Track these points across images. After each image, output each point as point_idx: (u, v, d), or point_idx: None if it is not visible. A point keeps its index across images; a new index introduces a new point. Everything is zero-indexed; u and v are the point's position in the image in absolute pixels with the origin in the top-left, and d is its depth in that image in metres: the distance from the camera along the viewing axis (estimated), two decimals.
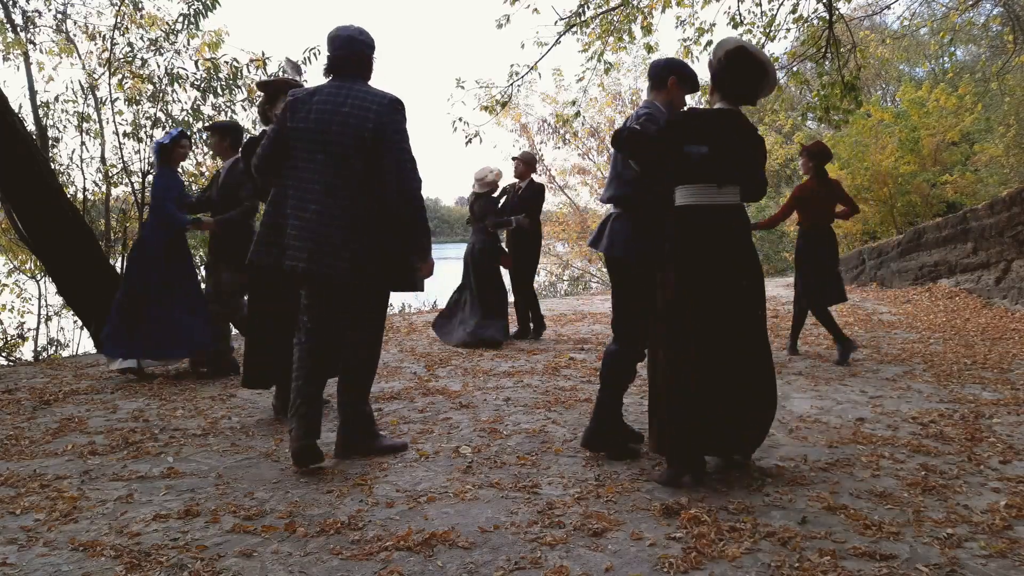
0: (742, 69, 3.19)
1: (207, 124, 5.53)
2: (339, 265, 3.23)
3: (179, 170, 5.56)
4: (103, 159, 9.54)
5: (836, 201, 6.04)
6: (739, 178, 3.17)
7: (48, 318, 10.65)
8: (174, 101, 9.47)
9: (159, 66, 9.32)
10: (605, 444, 3.42)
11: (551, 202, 19.85)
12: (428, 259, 3.39)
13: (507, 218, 6.98)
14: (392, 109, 3.23)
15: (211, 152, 5.08)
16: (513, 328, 7.42)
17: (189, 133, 5.83)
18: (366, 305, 3.45)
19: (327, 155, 3.23)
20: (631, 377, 3.48)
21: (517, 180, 7.29)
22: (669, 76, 3.45)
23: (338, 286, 3.37)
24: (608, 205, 3.53)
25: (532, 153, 7.83)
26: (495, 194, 7.12)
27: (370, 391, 3.59)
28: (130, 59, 9.29)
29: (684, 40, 8.72)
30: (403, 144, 3.23)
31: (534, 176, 7.39)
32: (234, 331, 5.60)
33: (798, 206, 6.03)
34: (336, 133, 3.22)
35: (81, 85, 9.38)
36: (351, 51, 3.31)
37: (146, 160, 9.22)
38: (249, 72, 9.63)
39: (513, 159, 7.37)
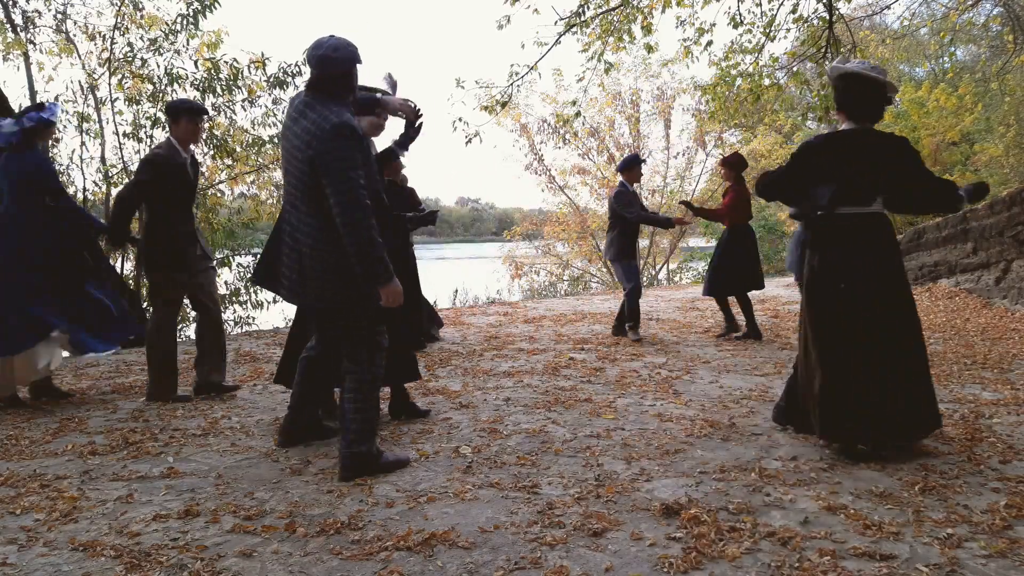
0: (859, 91, 3.40)
1: (179, 103, 4.89)
2: (306, 293, 3.21)
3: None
4: (103, 159, 9.54)
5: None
6: (885, 189, 3.42)
7: None
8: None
9: (159, 66, 9.32)
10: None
11: (551, 202, 19.86)
12: (386, 285, 3.10)
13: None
14: (333, 135, 3.00)
15: (181, 138, 4.67)
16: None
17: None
18: (347, 335, 3.28)
19: (290, 176, 3.19)
20: None
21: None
22: None
23: (315, 312, 3.37)
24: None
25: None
26: None
27: (372, 433, 3.29)
28: (130, 59, 9.29)
29: (684, 40, 8.72)
30: (342, 172, 2.99)
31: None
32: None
33: (738, 206, 7.07)
34: (290, 155, 3.16)
35: (81, 85, 9.37)
36: (322, 71, 3.14)
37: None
38: (250, 73, 9.63)
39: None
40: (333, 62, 3.14)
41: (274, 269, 3.44)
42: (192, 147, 4.84)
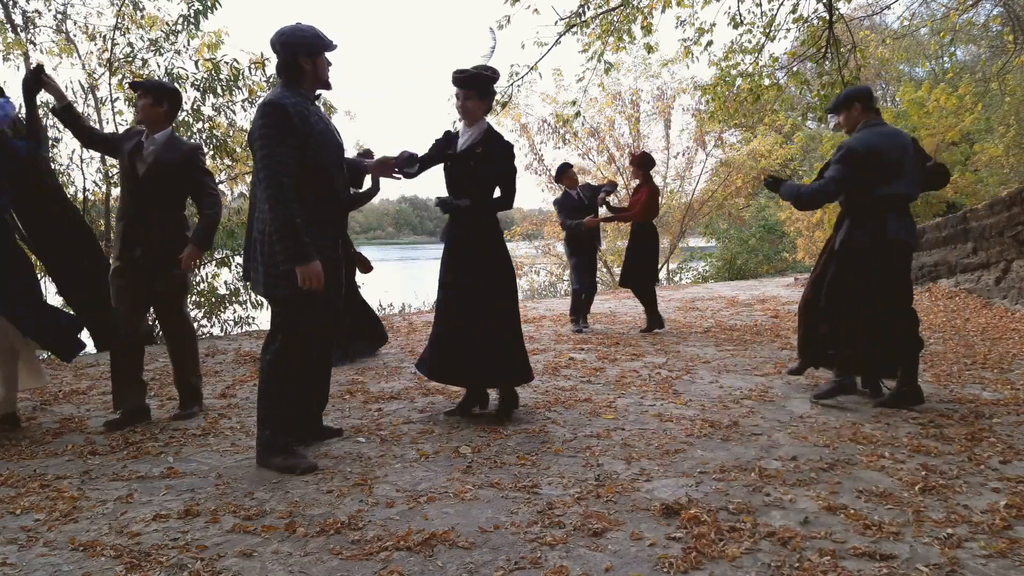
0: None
1: (136, 81, 4.61)
2: (256, 280, 3.35)
3: None
4: (103, 159, 9.54)
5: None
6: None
7: None
8: None
9: (159, 66, 9.32)
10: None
11: (552, 202, 19.83)
12: (303, 264, 3.13)
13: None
14: (258, 114, 3.21)
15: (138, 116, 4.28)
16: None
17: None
18: (272, 317, 3.43)
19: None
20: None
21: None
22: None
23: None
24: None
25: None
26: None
27: (275, 421, 3.31)
28: (131, 59, 9.29)
29: (684, 40, 8.73)
30: (261, 149, 3.16)
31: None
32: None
33: (652, 204, 7.47)
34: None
35: (81, 85, 9.38)
36: (278, 58, 3.34)
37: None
38: (251, 73, 9.63)
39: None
40: (280, 47, 3.32)
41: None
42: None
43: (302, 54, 3.30)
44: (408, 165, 3.82)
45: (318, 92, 3.45)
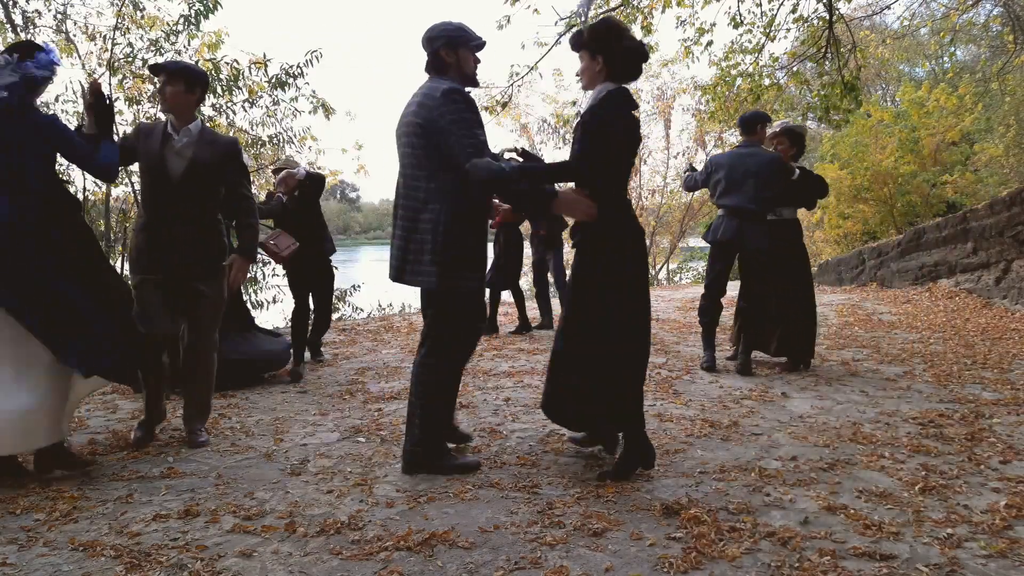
0: None
1: (158, 63, 3.87)
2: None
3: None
4: None
5: None
6: None
7: None
8: None
9: None
10: None
11: None
12: (552, 198, 3.12)
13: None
14: (443, 100, 3.15)
15: (161, 104, 3.72)
16: (511, 326, 7.50)
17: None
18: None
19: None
20: None
21: None
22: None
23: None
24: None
25: None
26: None
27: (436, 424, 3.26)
28: (130, 59, 9.29)
29: (684, 40, 8.73)
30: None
31: None
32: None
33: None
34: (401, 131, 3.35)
35: (81, 85, 9.36)
36: (426, 55, 3.32)
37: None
38: (251, 74, 9.63)
39: None
40: (423, 46, 3.29)
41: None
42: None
43: (442, 47, 3.21)
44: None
45: (467, 88, 3.27)
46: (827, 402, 4.46)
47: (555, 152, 21.44)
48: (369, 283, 12.70)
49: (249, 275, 6.62)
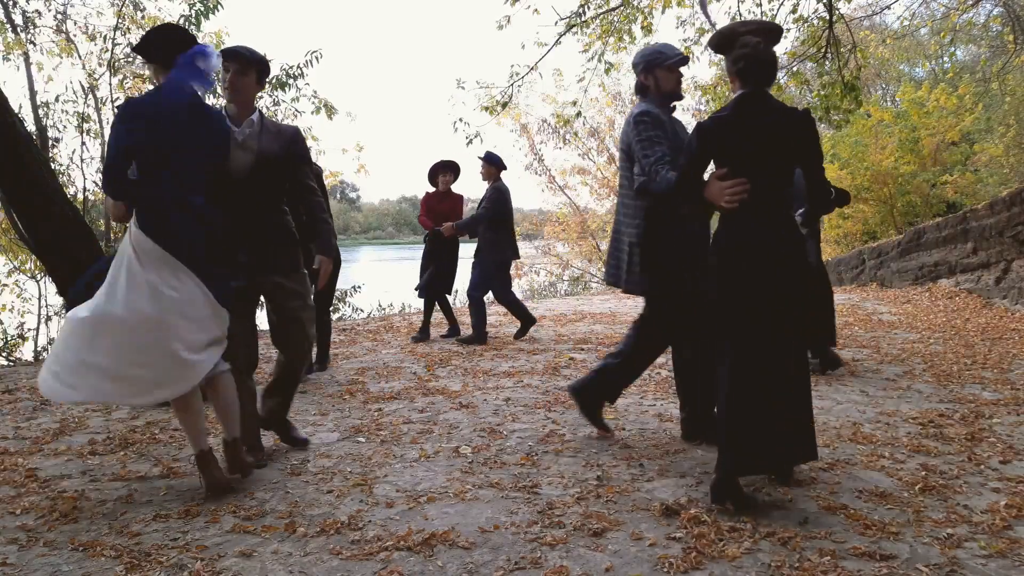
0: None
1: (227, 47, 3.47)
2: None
3: None
4: (103, 159, 9.55)
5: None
6: None
7: (48, 318, 10.64)
8: None
9: None
10: None
11: (551, 202, 19.85)
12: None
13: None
14: (631, 124, 3.56)
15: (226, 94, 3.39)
16: (512, 328, 7.50)
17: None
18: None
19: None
20: None
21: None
22: None
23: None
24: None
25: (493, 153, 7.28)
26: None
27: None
28: (130, 59, 9.29)
29: (684, 40, 8.72)
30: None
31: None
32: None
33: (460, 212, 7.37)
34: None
35: (81, 85, 9.39)
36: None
37: None
38: None
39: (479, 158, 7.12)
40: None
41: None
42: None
43: (641, 71, 3.61)
44: None
45: (672, 104, 3.64)
46: (827, 402, 4.46)
47: (555, 152, 21.38)
48: (369, 283, 12.72)
49: None
